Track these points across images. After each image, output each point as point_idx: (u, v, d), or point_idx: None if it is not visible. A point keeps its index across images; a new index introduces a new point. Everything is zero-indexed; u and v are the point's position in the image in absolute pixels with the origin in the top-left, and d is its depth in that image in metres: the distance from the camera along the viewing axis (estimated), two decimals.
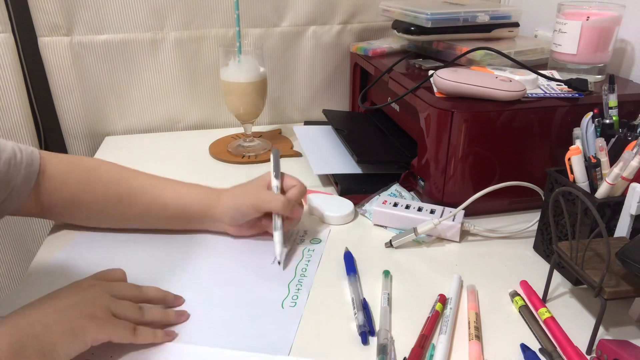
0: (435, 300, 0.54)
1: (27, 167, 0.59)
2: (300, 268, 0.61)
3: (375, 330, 0.50)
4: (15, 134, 0.93)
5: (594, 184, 0.56)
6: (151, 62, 0.99)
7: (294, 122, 1.11)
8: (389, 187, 0.75)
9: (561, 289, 0.57)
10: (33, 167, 0.60)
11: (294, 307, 0.54)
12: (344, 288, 0.57)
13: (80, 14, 0.92)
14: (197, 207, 0.64)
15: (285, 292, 0.57)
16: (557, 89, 0.71)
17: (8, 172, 0.57)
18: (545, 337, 0.49)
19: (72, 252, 0.63)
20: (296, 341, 0.50)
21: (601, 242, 0.52)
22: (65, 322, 0.43)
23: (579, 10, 0.74)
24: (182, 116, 1.06)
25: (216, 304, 0.54)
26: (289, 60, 1.06)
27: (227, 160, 0.90)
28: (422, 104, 0.69)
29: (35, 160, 0.60)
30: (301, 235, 0.68)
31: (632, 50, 0.80)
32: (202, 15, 0.98)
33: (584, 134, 0.59)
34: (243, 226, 0.65)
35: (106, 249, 0.64)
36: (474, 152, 0.67)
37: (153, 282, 0.55)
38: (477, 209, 0.68)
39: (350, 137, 0.86)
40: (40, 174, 0.60)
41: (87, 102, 0.98)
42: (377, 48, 0.94)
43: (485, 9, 0.86)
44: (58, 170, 0.62)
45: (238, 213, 0.63)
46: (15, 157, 0.58)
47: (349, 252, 0.62)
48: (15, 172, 0.58)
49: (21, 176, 0.58)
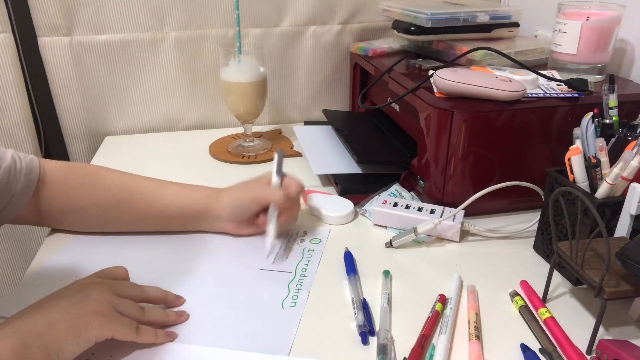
0: (435, 300, 0.54)
1: (27, 175, 0.59)
2: (301, 268, 0.61)
3: (375, 330, 0.50)
4: (15, 134, 0.93)
5: (594, 184, 0.56)
6: (151, 62, 0.99)
7: (294, 122, 1.11)
8: (389, 187, 0.75)
9: (561, 289, 0.57)
10: (32, 175, 0.60)
11: (294, 307, 0.54)
12: (344, 288, 0.57)
13: (80, 14, 0.92)
14: (197, 206, 0.64)
15: (285, 292, 0.57)
16: (557, 89, 0.71)
17: (8, 180, 0.57)
18: (545, 337, 0.49)
19: (72, 252, 0.63)
20: (296, 341, 0.50)
21: (601, 242, 0.52)
22: (69, 319, 0.43)
23: (579, 10, 0.74)
24: (182, 116, 1.06)
25: (216, 304, 0.54)
26: (289, 60, 1.06)
27: (227, 160, 0.90)
28: (422, 104, 0.69)
29: (35, 168, 0.60)
30: (301, 236, 0.68)
31: (632, 50, 0.80)
32: (202, 15, 0.98)
33: (584, 134, 0.59)
34: (242, 223, 0.65)
35: (106, 249, 0.64)
36: (474, 152, 0.67)
37: (153, 282, 0.55)
38: (477, 209, 0.68)
39: (350, 137, 0.86)
40: (39, 181, 0.60)
41: (87, 102, 0.98)
42: (377, 48, 0.94)
43: (485, 9, 0.86)
44: (57, 177, 0.62)
45: (239, 207, 0.64)
46: (15, 165, 0.58)
47: (349, 252, 0.62)
48: (15, 181, 0.58)
49: (21, 184, 0.58)
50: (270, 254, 0.62)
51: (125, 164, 0.89)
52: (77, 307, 0.45)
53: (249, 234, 0.66)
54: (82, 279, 0.50)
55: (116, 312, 0.47)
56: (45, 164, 0.62)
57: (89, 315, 0.44)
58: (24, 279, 0.59)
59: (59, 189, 0.62)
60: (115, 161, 0.90)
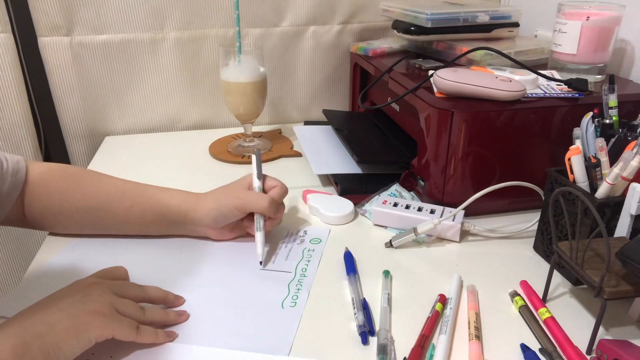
0: (435, 300, 0.54)
1: (13, 175, 0.59)
2: (301, 268, 0.61)
3: (375, 330, 0.50)
4: (15, 134, 0.93)
5: (594, 184, 0.56)
6: (151, 62, 0.99)
7: (294, 122, 1.11)
8: (389, 187, 0.75)
9: (561, 289, 0.57)
10: (19, 175, 0.60)
11: (294, 307, 0.54)
12: (343, 288, 0.57)
13: (80, 14, 0.92)
14: (176, 211, 0.63)
15: (285, 292, 0.57)
16: (557, 89, 0.71)
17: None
18: (545, 337, 0.49)
19: (72, 252, 0.63)
20: (296, 341, 0.50)
21: (601, 242, 0.52)
22: (69, 320, 0.43)
23: (579, 10, 0.74)
24: (182, 116, 1.06)
25: (216, 304, 0.54)
26: (289, 60, 1.06)
27: (227, 160, 0.90)
28: (422, 104, 0.69)
29: (22, 169, 0.60)
30: (301, 236, 0.68)
31: (632, 50, 0.80)
32: (202, 15, 0.98)
33: (584, 134, 0.59)
34: (224, 229, 0.64)
35: (107, 249, 0.64)
36: (474, 152, 0.67)
37: (154, 282, 0.55)
38: (477, 209, 0.68)
39: (350, 137, 0.86)
40: (25, 183, 0.60)
41: (87, 102, 0.98)
42: (377, 48, 0.94)
43: (485, 9, 0.86)
44: (40, 179, 0.62)
45: (220, 215, 0.62)
46: (2, 166, 0.58)
47: (349, 252, 0.62)
48: (2, 181, 0.58)
49: (7, 185, 0.58)
50: (263, 260, 0.61)
51: (125, 164, 0.89)
52: (77, 307, 0.45)
53: (232, 239, 0.66)
54: (82, 279, 0.50)
55: (116, 312, 0.46)
56: (30, 165, 0.62)
57: (89, 316, 0.44)
58: (24, 279, 0.59)
59: (40, 191, 0.61)
60: (115, 161, 0.90)
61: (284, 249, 0.65)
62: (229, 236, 0.66)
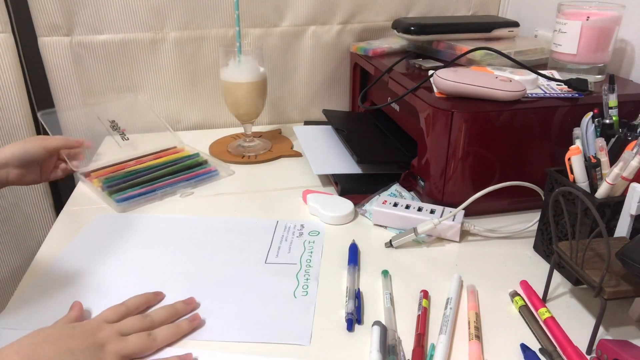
0: (419, 298, 0.55)
1: None
2: (305, 259, 0.62)
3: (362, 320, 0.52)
4: (15, 134, 0.93)
5: (594, 184, 0.56)
6: (151, 62, 0.99)
7: (294, 122, 1.11)
8: (389, 187, 0.75)
9: (561, 289, 0.57)
10: None
11: (305, 295, 0.55)
12: (344, 277, 0.58)
13: (80, 14, 0.92)
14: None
15: (295, 282, 0.58)
16: (557, 89, 0.71)
17: None
18: (545, 337, 0.49)
19: (72, 253, 0.63)
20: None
21: (601, 242, 0.52)
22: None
23: (579, 10, 0.74)
24: (182, 116, 1.06)
25: (232, 301, 0.55)
26: (289, 60, 1.06)
27: (227, 160, 0.90)
28: (422, 104, 0.69)
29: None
30: (299, 229, 0.69)
31: (632, 50, 0.80)
32: (202, 15, 0.98)
33: (584, 134, 0.59)
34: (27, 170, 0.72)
35: (107, 250, 0.64)
36: (474, 152, 0.67)
37: (155, 282, 0.55)
38: (477, 209, 0.68)
39: (350, 137, 0.86)
40: None
41: (87, 102, 0.98)
42: (377, 48, 0.94)
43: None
44: None
45: (27, 154, 0.70)
46: None
47: (354, 245, 0.64)
48: None
49: None
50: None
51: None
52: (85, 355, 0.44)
53: (32, 182, 0.73)
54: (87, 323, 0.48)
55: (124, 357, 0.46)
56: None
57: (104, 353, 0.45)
58: (24, 279, 0.59)
59: None
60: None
61: (285, 242, 0.66)
62: (30, 178, 0.73)
